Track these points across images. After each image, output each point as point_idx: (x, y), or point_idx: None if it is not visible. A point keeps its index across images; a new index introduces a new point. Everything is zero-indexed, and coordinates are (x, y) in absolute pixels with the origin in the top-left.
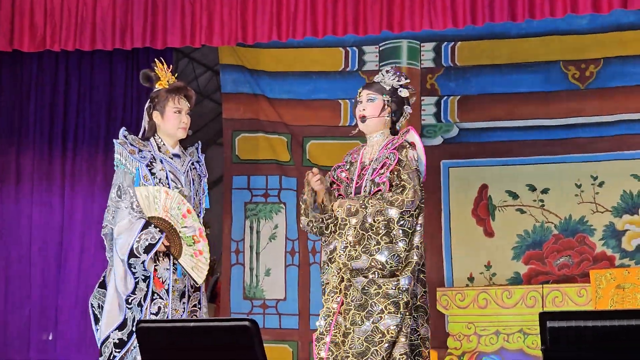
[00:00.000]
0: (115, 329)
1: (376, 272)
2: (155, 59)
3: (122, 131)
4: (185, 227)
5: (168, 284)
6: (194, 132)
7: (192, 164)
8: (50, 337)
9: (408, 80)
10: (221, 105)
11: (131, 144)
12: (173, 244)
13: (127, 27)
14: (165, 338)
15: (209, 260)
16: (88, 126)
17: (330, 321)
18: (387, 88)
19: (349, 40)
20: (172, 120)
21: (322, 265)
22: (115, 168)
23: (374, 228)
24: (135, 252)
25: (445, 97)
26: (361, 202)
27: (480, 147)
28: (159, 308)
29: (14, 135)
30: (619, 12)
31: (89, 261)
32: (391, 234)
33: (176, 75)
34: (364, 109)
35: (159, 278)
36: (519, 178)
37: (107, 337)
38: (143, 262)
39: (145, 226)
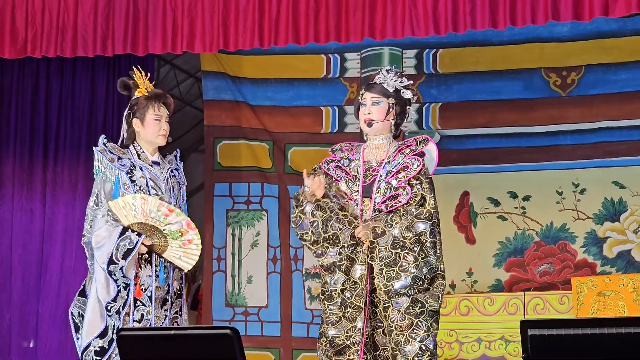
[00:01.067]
0: (97, 337)
1: (415, 289)
2: (134, 67)
3: (102, 139)
4: (170, 223)
5: (151, 291)
6: (176, 139)
7: (172, 171)
8: (31, 345)
9: (411, 82)
10: (203, 112)
11: (111, 152)
12: (157, 243)
13: (108, 33)
14: (147, 346)
15: (200, 247)
16: (69, 133)
17: (362, 318)
18: (391, 90)
19: (331, 47)
20: (152, 128)
21: (329, 269)
22: (94, 176)
23: (406, 245)
24: (115, 259)
25: (427, 104)
26: (384, 222)
27: (461, 154)
28: (142, 315)
29: None
30: (600, 20)
31: (70, 268)
32: (423, 247)
33: (153, 83)
34: (369, 113)
35: (141, 285)
36: (500, 185)
37: (88, 345)
38: (121, 268)
39: (123, 232)
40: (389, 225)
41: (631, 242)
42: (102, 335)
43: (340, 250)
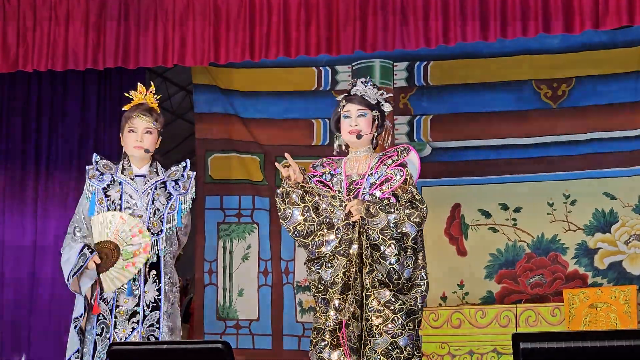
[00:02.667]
0: (75, 352)
1: (394, 283)
2: (139, 82)
3: (95, 157)
4: (131, 244)
5: (112, 304)
6: (167, 151)
7: (163, 183)
8: (23, 358)
9: (390, 95)
10: (194, 124)
11: (96, 169)
12: (106, 261)
13: (99, 47)
14: None
15: (136, 271)
16: (60, 147)
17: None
18: (374, 103)
19: (322, 60)
20: (127, 140)
21: (322, 262)
22: None
23: (393, 236)
24: (69, 277)
25: (418, 117)
26: (380, 205)
27: (452, 166)
28: (103, 329)
29: None
30: (590, 32)
31: (62, 283)
32: (402, 247)
33: (159, 97)
34: (356, 125)
35: (104, 299)
36: (491, 197)
37: None
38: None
39: (81, 250)
40: (386, 211)
41: (622, 253)
42: (79, 350)
43: (337, 233)
